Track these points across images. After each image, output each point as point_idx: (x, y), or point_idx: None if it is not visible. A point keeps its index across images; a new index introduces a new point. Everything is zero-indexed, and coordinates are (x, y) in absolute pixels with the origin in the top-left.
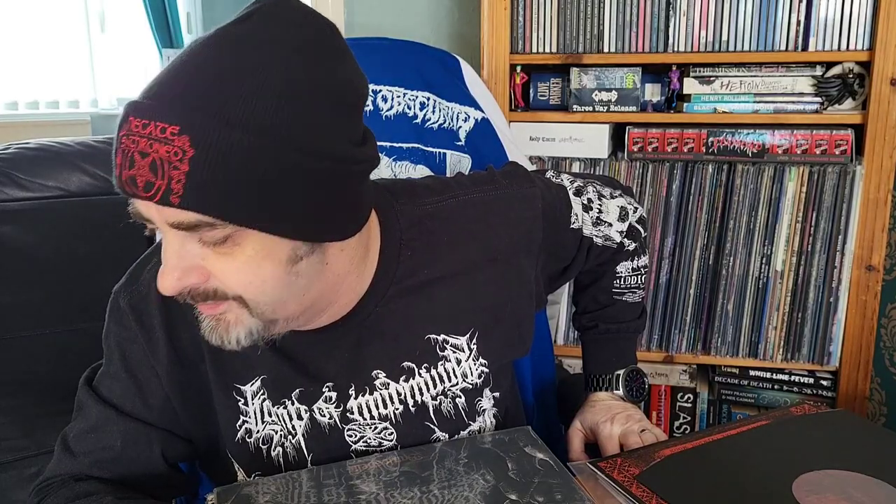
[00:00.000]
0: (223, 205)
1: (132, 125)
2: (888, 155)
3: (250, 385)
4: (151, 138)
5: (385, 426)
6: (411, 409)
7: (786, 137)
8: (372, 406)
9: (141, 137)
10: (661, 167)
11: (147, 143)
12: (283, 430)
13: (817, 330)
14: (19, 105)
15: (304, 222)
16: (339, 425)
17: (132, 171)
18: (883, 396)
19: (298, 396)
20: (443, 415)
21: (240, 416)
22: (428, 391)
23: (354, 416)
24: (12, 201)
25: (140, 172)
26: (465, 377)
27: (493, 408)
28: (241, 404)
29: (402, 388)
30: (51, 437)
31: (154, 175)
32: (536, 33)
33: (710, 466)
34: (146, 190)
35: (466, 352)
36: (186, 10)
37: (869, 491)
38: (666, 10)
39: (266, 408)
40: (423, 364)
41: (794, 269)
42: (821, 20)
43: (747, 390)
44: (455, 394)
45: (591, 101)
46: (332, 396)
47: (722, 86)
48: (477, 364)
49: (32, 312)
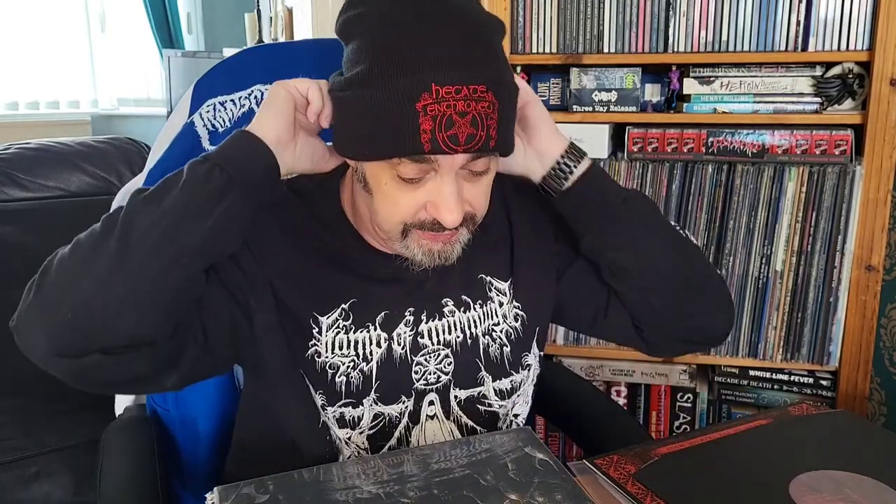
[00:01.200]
0: (508, 141)
1: (438, 93)
2: (888, 155)
3: (327, 317)
4: (468, 99)
5: (446, 354)
6: (468, 341)
7: (785, 137)
8: (440, 331)
9: (455, 101)
10: (661, 167)
11: (465, 104)
12: (355, 358)
13: (817, 330)
14: (20, 105)
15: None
16: (409, 357)
17: (452, 130)
18: (882, 396)
19: (382, 321)
20: (490, 357)
21: (312, 338)
22: (479, 325)
23: (424, 339)
24: (12, 201)
25: (461, 129)
26: (506, 319)
27: (536, 367)
28: (315, 332)
29: (462, 318)
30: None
31: (475, 128)
32: (536, 33)
33: (707, 465)
34: (468, 142)
35: (507, 296)
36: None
37: (866, 491)
38: (666, 11)
39: (339, 340)
40: (477, 300)
41: (793, 269)
42: (820, 20)
43: (747, 390)
44: (501, 340)
45: (590, 102)
46: (411, 321)
47: (722, 86)
48: (512, 307)
49: None
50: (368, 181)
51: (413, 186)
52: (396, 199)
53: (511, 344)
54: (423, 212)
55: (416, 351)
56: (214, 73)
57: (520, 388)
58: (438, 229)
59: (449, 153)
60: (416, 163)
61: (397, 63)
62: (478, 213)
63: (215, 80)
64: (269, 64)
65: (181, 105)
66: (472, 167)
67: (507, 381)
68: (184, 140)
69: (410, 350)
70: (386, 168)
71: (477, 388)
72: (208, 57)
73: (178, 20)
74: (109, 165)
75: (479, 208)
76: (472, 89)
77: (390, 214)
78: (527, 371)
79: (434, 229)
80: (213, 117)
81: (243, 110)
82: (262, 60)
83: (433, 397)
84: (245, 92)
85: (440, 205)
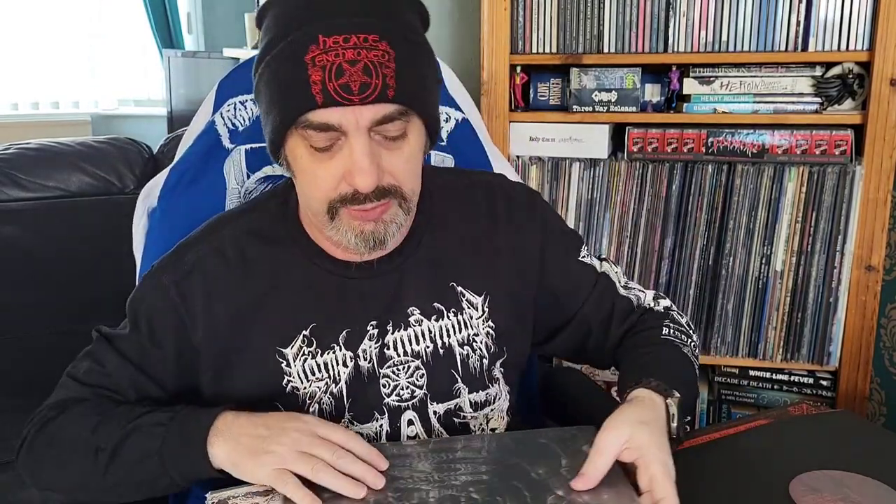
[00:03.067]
0: (416, 96)
1: (325, 43)
2: (888, 155)
3: (290, 347)
4: (357, 48)
5: (417, 366)
6: (440, 350)
7: (785, 138)
8: (405, 341)
9: (344, 49)
10: (661, 167)
11: (354, 52)
12: (327, 380)
13: (817, 330)
14: (20, 105)
15: (437, 121)
16: (376, 371)
17: (343, 79)
18: (882, 396)
19: (345, 340)
20: (468, 368)
21: (284, 376)
22: (455, 334)
23: (390, 351)
24: (12, 201)
25: (353, 78)
26: (480, 333)
27: (505, 383)
28: (284, 366)
29: (433, 327)
30: None
31: (368, 77)
32: (536, 34)
33: (707, 465)
34: (362, 91)
35: (479, 311)
36: (186, 10)
37: (866, 491)
38: (666, 11)
39: (309, 366)
40: (451, 308)
41: (793, 270)
42: (820, 20)
43: (747, 390)
44: (480, 351)
45: (590, 102)
46: (375, 334)
47: (722, 86)
48: (485, 326)
49: (32, 312)
50: (290, 163)
51: (327, 156)
52: (315, 173)
53: (489, 357)
54: (342, 184)
55: (382, 363)
56: (237, 72)
57: (494, 402)
58: (361, 201)
59: (344, 103)
60: (321, 131)
61: (287, 24)
62: (403, 185)
63: (237, 79)
64: None
65: (205, 104)
66: (385, 131)
67: (483, 393)
68: (205, 138)
69: (377, 363)
70: (299, 141)
71: (454, 401)
72: (208, 57)
73: (178, 20)
74: (109, 165)
75: (402, 179)
76: (361, 38)
77: (313, 191)
78: (498, 385)
79: (357, 202)
80: (234, 116)
81: None
82: None
83: (411, 415)
84: None
85: (353, 169)
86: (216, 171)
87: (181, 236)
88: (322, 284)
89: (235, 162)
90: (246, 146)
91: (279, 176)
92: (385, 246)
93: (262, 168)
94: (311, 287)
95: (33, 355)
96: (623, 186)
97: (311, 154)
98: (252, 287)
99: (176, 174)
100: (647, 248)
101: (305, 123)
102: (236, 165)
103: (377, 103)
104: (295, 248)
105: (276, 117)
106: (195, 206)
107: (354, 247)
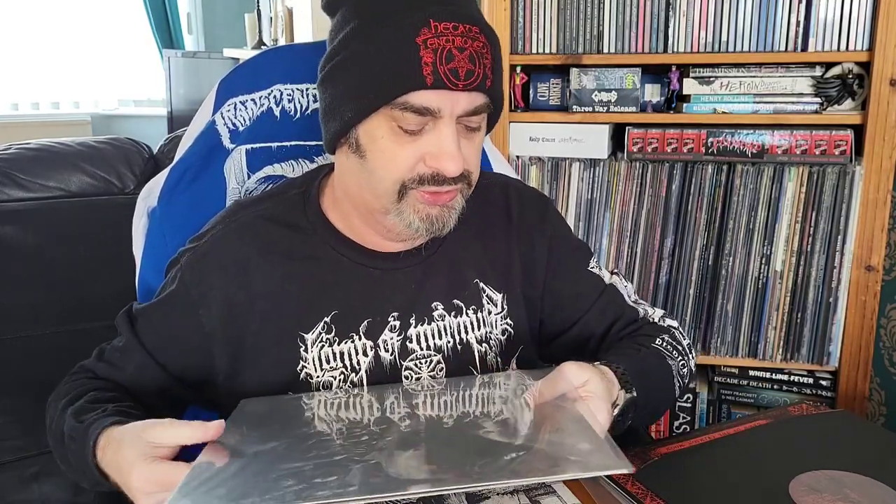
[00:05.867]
0: (501, 91)
1: (437, 28)
2: (888, 155)
3: (311, 333)
4: (465, 36)
5: (438, 360)
6: (458, 347)
7: (785, 138)
8: (429, 335)
9: (454, 36)
10: (661, 167)
11: (462, 40)
12: (344, 370)
13: (817, 330)
14: (20, 105)
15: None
16: (398, 362)
17: (452, 63)
18: (882, 396)
19: (366, 330)
20: (486, 365)
21: (300, 361)
22: (473, 331)
23: (413, 344)
24: (12, 201)
25: (461, 64)
26: (497, 328)
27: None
28: (302, 351)
29: (452, 323)
30: None
31: (473, 65)
32: (536, 34)
33: (706, 465)
34: (468, 77)
35: (499, 308)
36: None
37: (866, 491)
38: (666, 11)
39: (325, 354)
40: (470, 305)
41: (793, 270)
42: (820, 21)
43: (747, 390)
44: (497, 348)
45: (590, 102)
46: (396, 325)
47: (721, 86)
48: (503, 323)
49: (32, 312)
50: (362, 143)
51: (412, 138)
52: (394, 153)
53: (504, 355)
54: (421, 165)
55: (405, 356)
56: (237, 72)
57: None
58: (439, 183)
59: (451, 88)
60: (417, 114)
61: (392, 7)
62: (473, 173)
63: (237, 79)
64: (290, 64)
65: (205, 104)
66: (468, 122)
67: None
68: (205, 138)
69: (399, 355)
70: (383, 122)
71: None
72: (208, 57)
73: (178, 20)
74: (109, 166)
75: (473, 168)
76: (467, 28)
77: (388, 171)
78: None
79: (434, 183)
80: (234, 116)
81: (262, 110)
82: (283, 61)
83: None
84: (265, 91)
85: (441, 154)
86: (216, 171)
87: (181, 236)
88: (345, 272)
89: (236, 162)
90: (246, 146)
91: (279, 176)
92: (442, 232)
93: (262, 168)
94: (334, 274)
95: (33, 355)
96: (623, 186)
97: (395, 134)
98: (269, 271)
99: (176, 174)
100: (647, 248)
101: (403, 104)
102: (237, 165)
103: (475, 92)
104: (316, 235)
105: (373, 96)
106: (195, 206)
107: (415, 230)
